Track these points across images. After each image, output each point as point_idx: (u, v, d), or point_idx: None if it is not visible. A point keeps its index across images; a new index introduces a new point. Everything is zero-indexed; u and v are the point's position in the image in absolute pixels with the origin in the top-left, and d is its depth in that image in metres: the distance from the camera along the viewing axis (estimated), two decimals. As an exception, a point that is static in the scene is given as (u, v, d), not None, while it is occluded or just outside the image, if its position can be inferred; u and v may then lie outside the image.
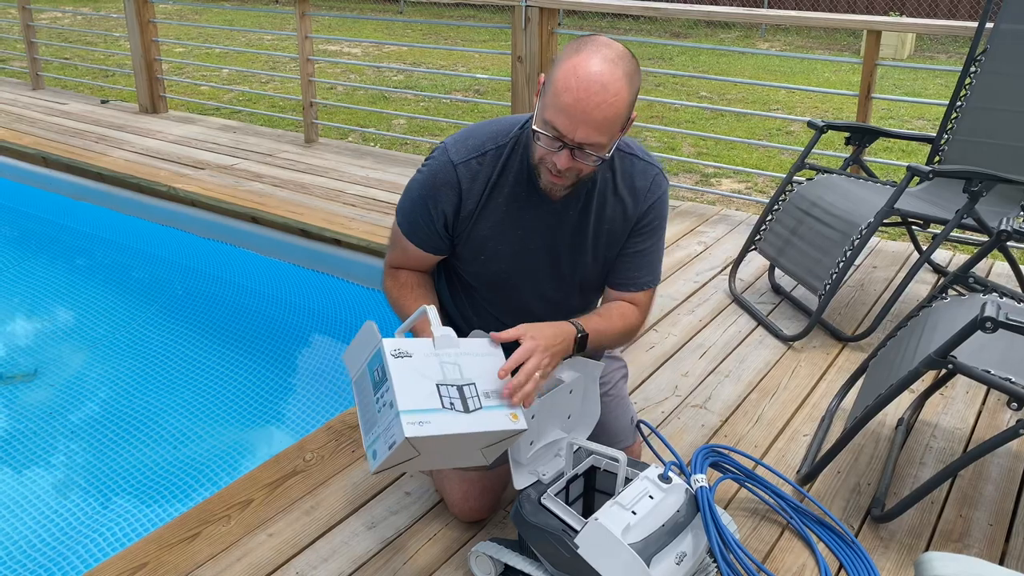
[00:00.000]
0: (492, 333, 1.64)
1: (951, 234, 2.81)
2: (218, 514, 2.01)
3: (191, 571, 1.83)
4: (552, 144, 1.59)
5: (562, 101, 1.54)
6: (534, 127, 1.62)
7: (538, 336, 1.61)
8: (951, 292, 2.37)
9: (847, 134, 3.33)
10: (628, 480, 1.68)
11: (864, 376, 2.35)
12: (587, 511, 1.78)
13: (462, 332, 1.92)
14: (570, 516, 1.60)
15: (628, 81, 1.57)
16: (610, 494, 1.71)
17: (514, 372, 1.57)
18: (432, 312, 1.63)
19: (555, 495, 1.66)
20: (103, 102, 6.51)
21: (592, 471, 1.80)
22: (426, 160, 1.80)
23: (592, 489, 1.82)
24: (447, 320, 1.92)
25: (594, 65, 1.53)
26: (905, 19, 4.21)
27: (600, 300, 1.93)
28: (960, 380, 2.60)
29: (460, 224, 1.77)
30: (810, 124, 3.26)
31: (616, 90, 1.54)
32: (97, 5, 13.28)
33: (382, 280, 1.90)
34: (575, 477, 1.75)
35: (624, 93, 1.55)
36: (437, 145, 1.81)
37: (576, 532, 1.55)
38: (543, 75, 1.65)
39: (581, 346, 1.70)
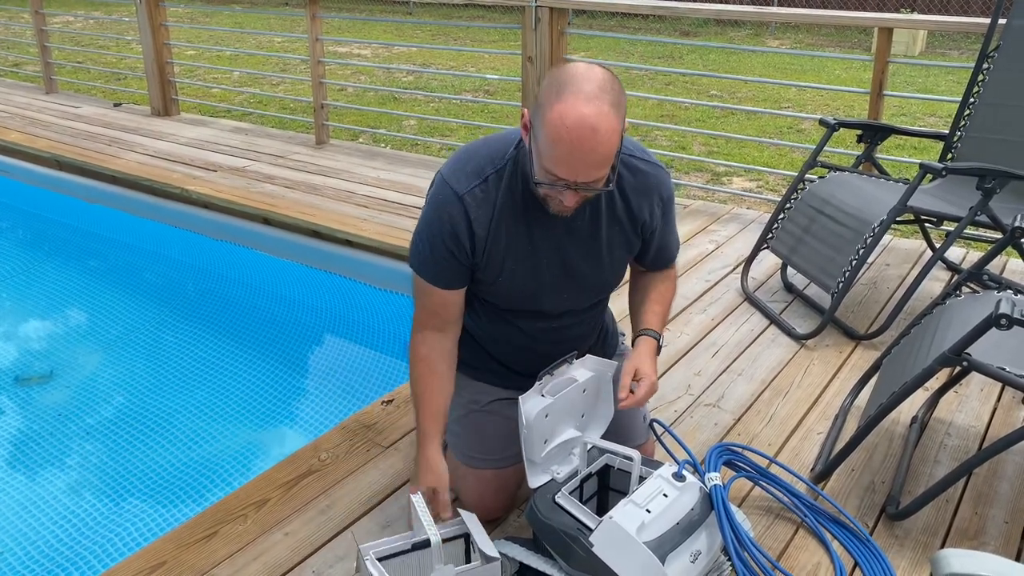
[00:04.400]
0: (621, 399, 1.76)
1: (965, 231, 2.80)
2: (234, 513, 2.02)
3: (208, 570, 1.85)
4: (556, 187, 1.59)
5: (557, 153, 1.53)
6: (536, 179, 1.61)
7: (650, 372, 1.80)
8: (965, 289, 2.36)
9: (859, 132, 3.32)
10: (642, 479, 1.69)
11: (878, 374, 2.34)
12: (601, 510, 1.79)
13: (487, 352, 1.95)
14: (585, 515, 1.60)
15: (616, 111, 1.54)
16: (624, 493, 1.71)
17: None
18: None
19: (569, 494, 1.67)
20: (116, 105, 6.55)
21: (606, 470, 1.80)
22: (428, 196, 1.77)
23: (606, 488, 1.82)
24: (473, 344, 1.95)
25: (580, 108, 1.50)
26: (917, 16, 4.18)
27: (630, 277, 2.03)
28: (975, 377, 2.58)
29: (476, 253, 1.76)
30: (822, 122, 3.25)
31: (607, 127, 1.51)
32: (109, 9, 13.35)
33: (408, 347, 1.84)
34: (589, 476, 1.76)
35: (615, 124, 1.53)
36: (434, 177, 1.78)
37: (591, 530, 1.56)
38: (526, 111, 1.63)
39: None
